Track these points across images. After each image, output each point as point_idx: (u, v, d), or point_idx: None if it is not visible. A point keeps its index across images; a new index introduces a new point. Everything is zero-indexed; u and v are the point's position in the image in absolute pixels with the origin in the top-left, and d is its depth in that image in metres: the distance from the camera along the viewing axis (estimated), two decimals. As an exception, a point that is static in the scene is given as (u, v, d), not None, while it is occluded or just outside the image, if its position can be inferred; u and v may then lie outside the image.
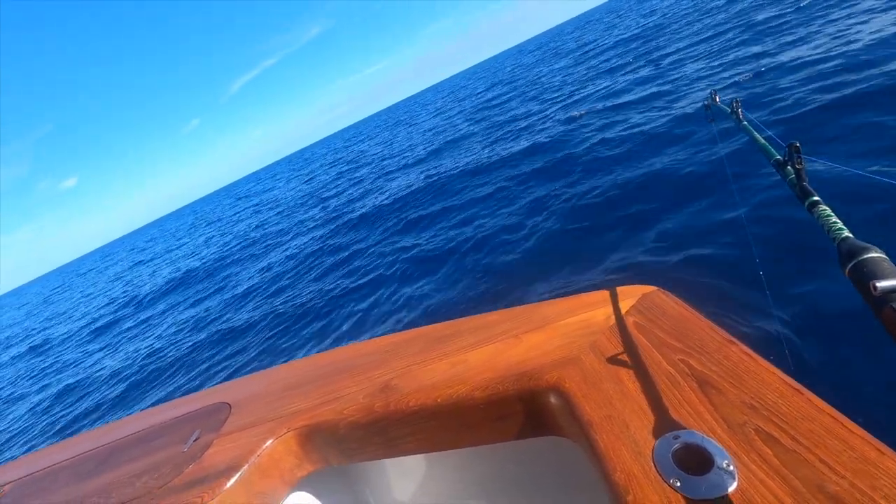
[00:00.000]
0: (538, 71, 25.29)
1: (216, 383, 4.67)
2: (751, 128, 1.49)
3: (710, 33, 12.49)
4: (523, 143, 9.16)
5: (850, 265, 0.52)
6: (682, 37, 14.07)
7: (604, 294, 1.05)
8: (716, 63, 8.90)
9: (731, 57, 8.85)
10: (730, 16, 13.69)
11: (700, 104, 5.88)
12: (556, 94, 14.00)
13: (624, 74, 12.24)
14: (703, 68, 9.01)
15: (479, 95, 27.67)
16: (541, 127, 10.16)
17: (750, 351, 0.74)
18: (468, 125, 16.28)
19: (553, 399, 0.84)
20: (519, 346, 0.99)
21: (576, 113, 9.75)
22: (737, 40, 10.08)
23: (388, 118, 69.72)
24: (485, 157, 9.60)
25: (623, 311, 0.96)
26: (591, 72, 15.54)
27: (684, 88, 8.17)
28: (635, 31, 21.88)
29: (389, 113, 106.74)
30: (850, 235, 0.60)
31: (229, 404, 1.29)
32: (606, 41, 23.75)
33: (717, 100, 2.18)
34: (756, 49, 8.58)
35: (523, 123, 11.51)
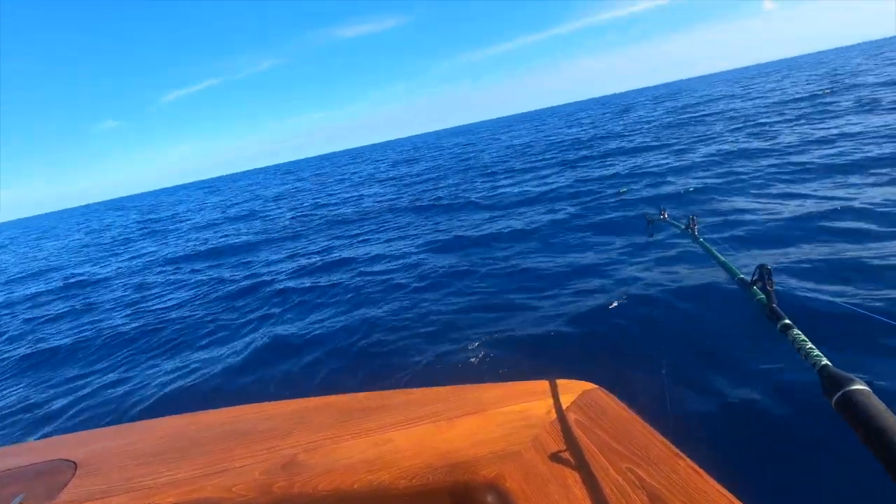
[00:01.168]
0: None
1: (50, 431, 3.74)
2: (708, 245, 1.51)
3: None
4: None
5: (837, 396, 0.53)
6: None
7: (542, 385, 1.00)
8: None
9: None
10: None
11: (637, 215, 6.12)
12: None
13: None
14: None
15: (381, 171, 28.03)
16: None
17: (697, 466, 0.72)
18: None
19: (490, 498, 0.74)
20: (451, 430, 0.89)
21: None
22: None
23: (305, 167, 69.64)
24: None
25: (564, 405, 0.92)
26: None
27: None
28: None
29: (310, 162, 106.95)
30: (829, 363, 0.61)
31: (75, 463, 1.00)
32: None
33: (666, 216, 2.21)
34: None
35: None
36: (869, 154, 7.26)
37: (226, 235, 13.22)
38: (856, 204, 5.12)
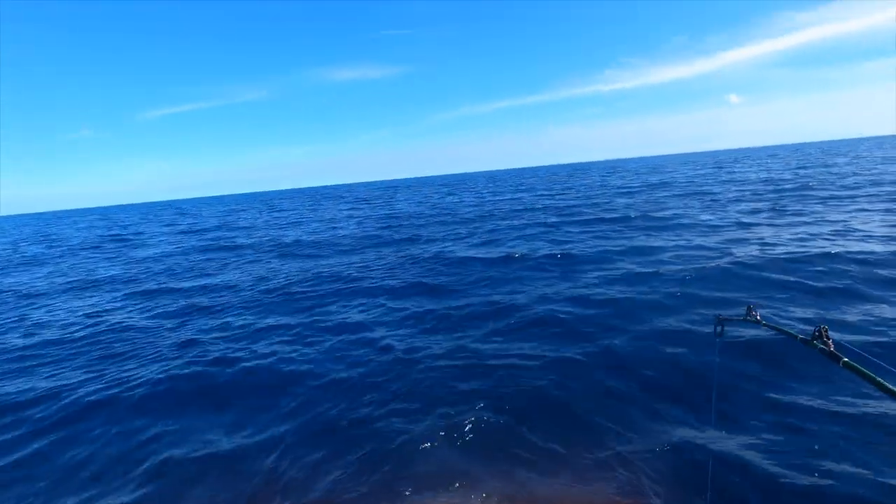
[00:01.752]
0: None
1: None
2: (772, 325, 1.97)
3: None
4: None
5: None
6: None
7: None
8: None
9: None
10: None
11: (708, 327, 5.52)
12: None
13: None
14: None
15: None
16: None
17: None
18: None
19: None
20: None
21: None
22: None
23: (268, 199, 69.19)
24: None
25: None
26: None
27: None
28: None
29: (283, 195, 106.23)
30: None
31: None
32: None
33: (719, 317, 2.54)
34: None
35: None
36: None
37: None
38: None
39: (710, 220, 11.63)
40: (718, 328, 2.48)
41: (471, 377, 4.39)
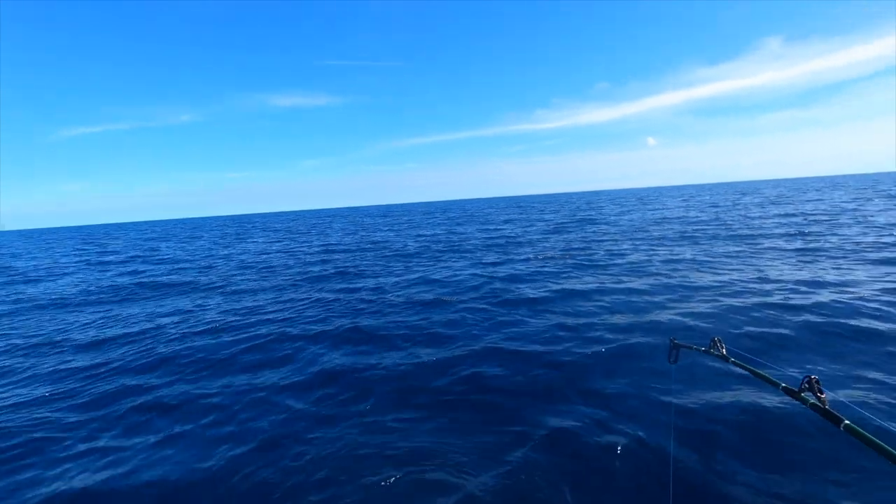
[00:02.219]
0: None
1: None
2: (742, 362, 1.62)
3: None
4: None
5: None
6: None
7: None
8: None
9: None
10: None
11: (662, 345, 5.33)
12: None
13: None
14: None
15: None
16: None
17: None
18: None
19: None
20: None
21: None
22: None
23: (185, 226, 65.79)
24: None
25: None
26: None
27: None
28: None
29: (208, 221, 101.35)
30: None
31: None
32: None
33: (674, 341, 2.32)
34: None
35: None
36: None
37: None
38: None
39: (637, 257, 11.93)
40: (673, 353, 2.30)
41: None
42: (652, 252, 13.05)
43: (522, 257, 13.88)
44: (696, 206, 36.29)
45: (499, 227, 27.42)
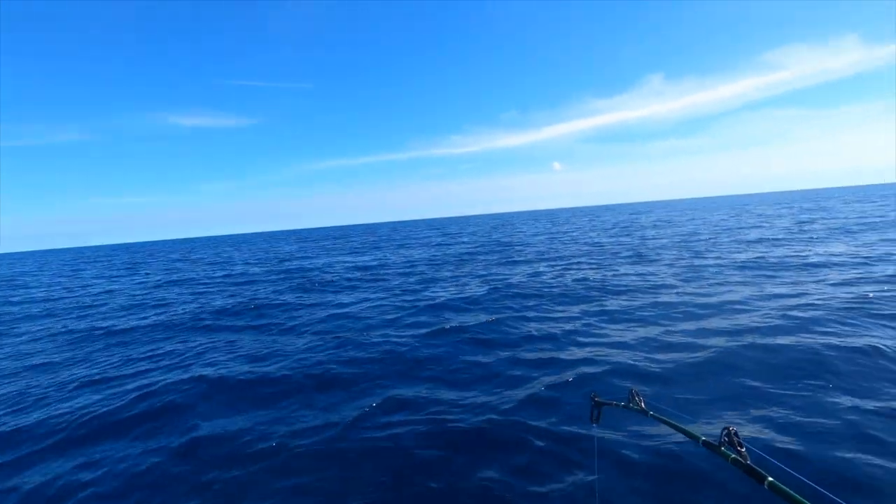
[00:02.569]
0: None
1: None
2: (661, 416, 1.55)
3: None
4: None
5: None
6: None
7: None
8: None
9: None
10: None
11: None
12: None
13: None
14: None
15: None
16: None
17: None
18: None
19: None
20: None
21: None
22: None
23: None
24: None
25: None
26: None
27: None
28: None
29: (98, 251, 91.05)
30: None
31: None
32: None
33: (596, 399, 2.13)
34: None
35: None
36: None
37: None
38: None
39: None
40: (595, 412, 2.16)
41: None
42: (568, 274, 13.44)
43: (440, 283, 13.63)
44: (601, 226, 38.95)
45: (425, 248, 27.16)
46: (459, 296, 11.02)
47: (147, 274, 25.40)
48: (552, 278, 12.66)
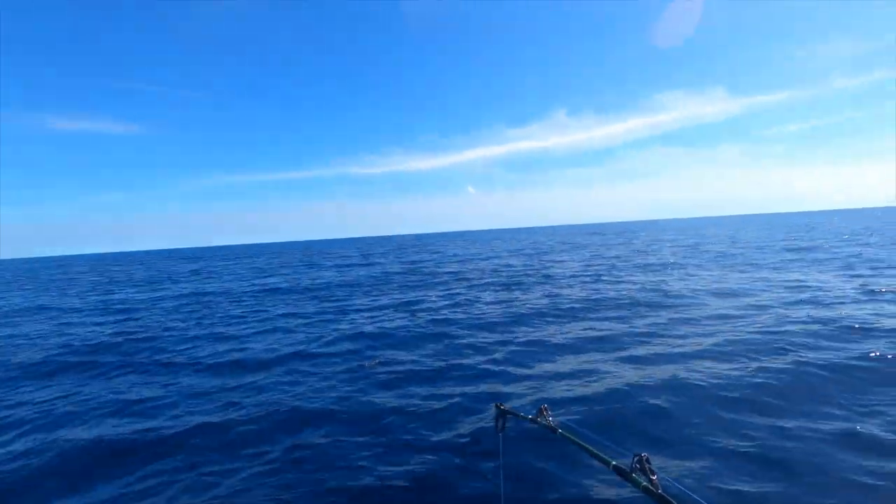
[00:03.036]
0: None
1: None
2: (570, 434, 1.54)
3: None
4: None
5: None
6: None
7: None
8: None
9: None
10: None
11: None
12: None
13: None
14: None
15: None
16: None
17: None
18: None
19: None
20: None
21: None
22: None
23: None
24: None
25: None
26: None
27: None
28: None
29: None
30: None
31: None
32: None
33: (501, 407, 2.07)
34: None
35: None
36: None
37: None
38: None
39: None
40: (500, 421, 2.11)
41: None
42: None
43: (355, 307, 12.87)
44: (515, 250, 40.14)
45: (338, 270, 25.91)
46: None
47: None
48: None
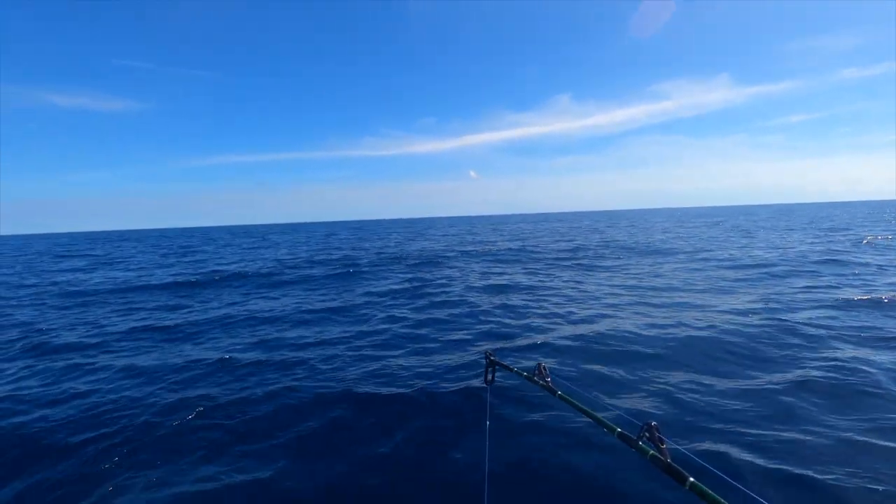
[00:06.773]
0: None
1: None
2: (569, 397, 1.45)
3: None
4: None
5: None
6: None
7: None
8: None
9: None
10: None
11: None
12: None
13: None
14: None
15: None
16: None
17: None
18: None
19: None
20: None
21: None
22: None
23: None
24: None
25: None
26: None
27: None
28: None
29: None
30: None
31: None
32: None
33: (491, 357, 2.02)
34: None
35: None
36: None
37: None
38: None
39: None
40: (490, 372, 2.01)
41: None
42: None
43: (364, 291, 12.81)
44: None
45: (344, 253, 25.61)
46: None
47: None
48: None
